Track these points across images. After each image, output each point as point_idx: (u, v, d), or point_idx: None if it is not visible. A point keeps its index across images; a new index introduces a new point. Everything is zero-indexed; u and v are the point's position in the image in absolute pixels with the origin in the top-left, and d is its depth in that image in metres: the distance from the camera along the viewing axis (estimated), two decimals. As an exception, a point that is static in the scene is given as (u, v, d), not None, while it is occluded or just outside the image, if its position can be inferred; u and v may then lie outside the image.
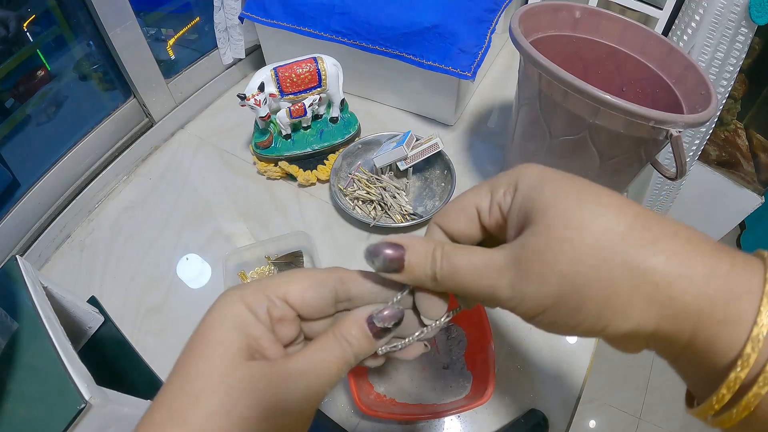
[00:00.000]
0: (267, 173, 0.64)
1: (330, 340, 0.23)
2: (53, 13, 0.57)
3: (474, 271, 0.22)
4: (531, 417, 0.43)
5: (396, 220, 0.59)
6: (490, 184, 0.24)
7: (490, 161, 0.68)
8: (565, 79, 0.41)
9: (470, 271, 0.22)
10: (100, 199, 0.63)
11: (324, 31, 0.66)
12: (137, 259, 0.57)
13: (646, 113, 0.39)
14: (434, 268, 0.22)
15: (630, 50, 0.53)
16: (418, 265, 0.23)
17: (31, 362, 0.34)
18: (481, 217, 0.24)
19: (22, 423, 0.32)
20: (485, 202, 0.24)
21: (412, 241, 0.23)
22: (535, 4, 0.52)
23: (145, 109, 0.67)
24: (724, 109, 1.15)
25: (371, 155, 0.65)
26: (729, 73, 0.79)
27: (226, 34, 0.74)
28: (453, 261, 0.22)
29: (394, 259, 0.22)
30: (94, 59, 0.62)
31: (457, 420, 0.45)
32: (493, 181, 0.24)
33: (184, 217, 0.61)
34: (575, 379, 0.47)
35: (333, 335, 0.23)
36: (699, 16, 0.75)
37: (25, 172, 0.56)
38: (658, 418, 1.28)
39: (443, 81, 0.65)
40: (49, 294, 0.41)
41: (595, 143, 0.46)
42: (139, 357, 0.48)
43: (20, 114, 0.56)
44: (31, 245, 0.55)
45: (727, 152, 1.25)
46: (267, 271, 0.54)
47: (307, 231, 0.55)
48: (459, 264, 0.22)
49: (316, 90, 0.61)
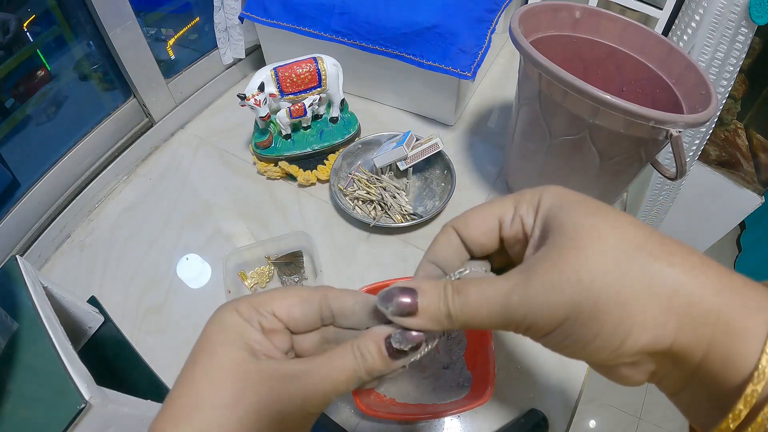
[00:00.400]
0: (267, 173, 0.64)
1: (347, 349, 0.23)
2: (53, 13, 0.57)
3: (486, 297, 0.22)
4: (531, 417, 0.43)
5: (396, 220, 0.59)
6: (514, 199, 0.24)
7: (490, 161, 0.68)
8: (565, 79, 0.41)
9: (482, 297, 0.22)
10: (100, 199, 0.63)
11: (324, 31, 0.66)
12: (137, 259, 0.57)
13: (646, 113, 0.39)
14: (447, 305, 0.22)
15: (630, 50, 0.53)
16: (431, 305, 0.23)
17: (31, 362, 0.34)
18: (502, 227, 0.24)
19: (22, 423, 0.32)
20: (509, 214, 0.24)
21: (423, 284, 0.23)
22: (535, 4, 0.52)
23: (145, 109, 0.67)
24: (724, 109, 1.15)
25: (371, 155, 0.65)
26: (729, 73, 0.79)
27: (226, 34, 0.74)
28: (464, 292, 0.22)
29: (407, 304, 0.22)
30: (94, 59, 0.62)
31: (457, 420, 0.45)
32: (517, 196, 0.24)
33: (184, 217, 0.61)
34: (575, 379, 0.47)
35: (350, 346, 0.23)
36: (699, 16, 0.75)
37: (25, 172, 0.56)
38: (658, 418, 1.28)
39: (443, 81, 0.65)
40: (49, 294, 0.41)
41: (595, 143, 0.46)
42: (139, 357, 0.48)
43: (20, 114, 0.56)
44: (31, 245, 0.55)
45: (727, 152, 1.25)
46: (267, 271, 0.54)
47: (307, 231, 0.55)
48: (470, 293, 0.22)
49: (316, 90, 0.61)
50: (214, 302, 0.52)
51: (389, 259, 0.57)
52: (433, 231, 0.59)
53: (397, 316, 0.23)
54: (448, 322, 0.23)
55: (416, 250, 0.58)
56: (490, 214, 0.25)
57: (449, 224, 0.25)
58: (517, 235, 0.24)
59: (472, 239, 0.25)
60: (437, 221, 0.60)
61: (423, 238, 0.59)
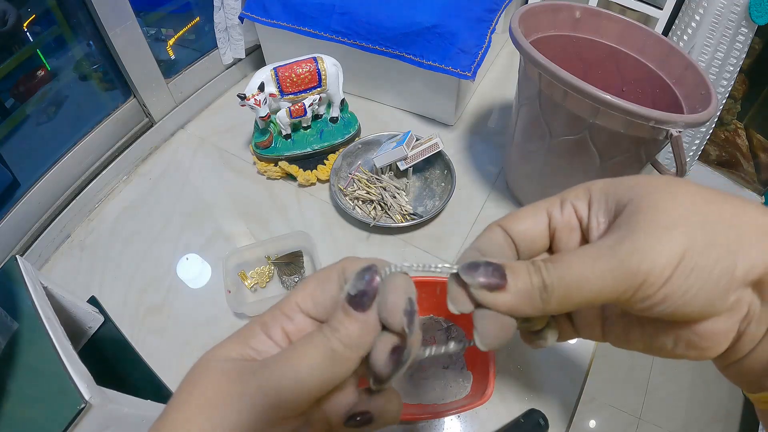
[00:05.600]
0: (267, 173, 0.64)
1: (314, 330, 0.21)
2: (53, 13, 0.57)
3: (589, 257, 0.20)
4: (531, 417, 0.43)
5: (396, 220, 0.59)
6: (559, 195, 0.24)
7: (490, 161, 0.68)
8: (565, 79, 0.41)
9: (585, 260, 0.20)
10: (100, 199, 0.63)
11: (324, 31, 0.66)
12: (137, 259, 0.57)
13: (646, 113, 0.39)
14: (541, 277, 0.20)
15: (630, 50, 0.53)
16: (522, 279, 0.20)
17: (31, 362, 0.34)
18: (551, 219, 0.23)
19: (22, 423, 0.32)
20: (556, 206, 0.23)
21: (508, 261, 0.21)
22: (535, 4, 0.52)
23: (145, 109, 0.67)
24: (724, 109, 1.15)
25: (371, 155, 0.65)
26: (729, 73, 0.79)
27: (226, 34, 0.74)
28: (561, 261, 0.20)
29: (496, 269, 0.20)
30: (94, 59, 0.62)
31: (457, 420, 0.45)
32: (562, 193, 0.24)
33: (184, 217, 0.61)
34: (575, 379, 0.47)
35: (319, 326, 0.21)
36: (699, 16, 0.75)
37: (25, 172, 0.56)
38: (658, 418, 1.28)
39: (443, 81, 0.65)
40: (49, 294, 0.41)
41: (595, 143, 0.46)
42: (139, 357, 0.48)
43: (20, 114, 0.56)
44: (31, 245, 0.55)
45: (727, 152, 1.25)
46: (267, 271, 0.54)
47: (307, 231, 0.55)
48: (569, 260, 0.20)
49: (316, 90, 0.61)
50: (214, 302, 0.53)
51: (389, 259, 0.56)
52: (434, 231, 0.59)
53: (485, 290, 0.20)
54: (542, 297, 0.20)
55: (416, 250, 0.58)
56: (537, 207, 0.24)
57: (495, 222, 0.24)
58: (569, 222, 0.23)
59: (521, 234, 0.23)
60: (437, 221, 0.60)
61: (423, 238, 0.59)
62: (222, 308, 0.52)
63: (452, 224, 0.60)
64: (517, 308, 0.20)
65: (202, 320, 0.52)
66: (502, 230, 0.24)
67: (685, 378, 1.34)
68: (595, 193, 0.23)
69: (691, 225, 0.19)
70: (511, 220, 0.24)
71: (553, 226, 0.23)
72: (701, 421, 1.27)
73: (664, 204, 0.20)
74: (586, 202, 0.23)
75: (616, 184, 0.22)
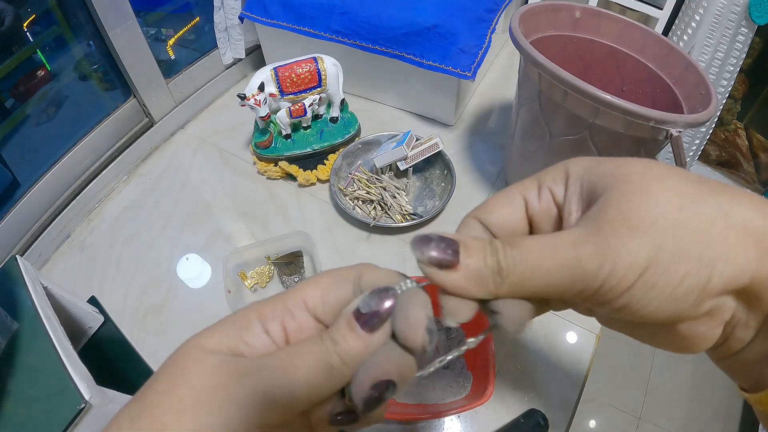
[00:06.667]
0: (267, 173, 0.64)
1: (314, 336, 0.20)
2: (53, 13, 0.57)
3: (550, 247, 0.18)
4: (531, 417, 0.43)
5: (396, 220, 0.59)
6: (536, 177, 0.23)
7: (490, 161, 0.68)
8: (565, 79, 0.41)
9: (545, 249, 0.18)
10: (100, 199, 0.63)
11: (324, 31, 0.66)
12: (137, 259, 0.57)
13: (646, 113, 0.39)
14: (497, 259, 0.19)
15: (630, 50, 0.53)
16: (476, 258, 0.19)
17: (31, 362, 0.34)
18: (528, 205, 0.22)
19: (22, 423, 0.32)
20: (532, 191, 0.22)
21: (463, 238, 0.20)
22: (535, 4, 0.52)
23: (145, 109, 0.67)
24: (724, 109, 1.15)
25: (371, 155, 0.65)
26: (729, 73, 0.79)
27: (226, 34, 0.74)
28: (520, 245, 0.19)
29: (449, 245, 0.19)
30: (94, 59, 0.62)
31: (457, 420, 0.45)
32: (539, 174, 0.23)
33: (184, 217, 0.61)
34: (575, 379, 0.47)
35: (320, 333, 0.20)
36: (699, 16, 0.75)
37: (25, 172, 0.56)
38: (658, 418, 1.28)
39: (443, 81, 0.65)
40: (49, 294, 0.41)
41: (595, 143, 0.46)
42: (139, 357, 0.48)
43: (20, 114, 0.56)
44: (31, 245, 0.55)
45: (727, 152, 1.25)
46: (267, 271, 0.54)
47: (307, 231, 0.55)
48: (528, 245, 0.19)
49: (316, 90, 0.61)
50: (214, 302, 0.53)
51: (389, 258, 0.57)
52: (434, 231, 0.59)
53: (434, 266, 0.19)
54: (495, 281, 0.19)
55: (416, 250, 0.58)
56: (512, 194, 0.22)
57: (468, 215, 0.23)
58: (548, 209, 0.22)
59: (498, 224, 0.22)
60: (437, 221, 0.60)
61: (423, 238, 0.59)
62: (222, 308, 0.52)
63: (452, 224, 0.60)
64: (466, 290, 0.19)
65: (202, 320, 0.51)
66: (478, 222, 0.22)
67: (686, 378, 1.34)
68: (572, 177, 0.21)
69: (661, 231, 0.18)
70: (485, 211, 0.22)
71: (531, 213, 0.22)
72: (701, 421, 1.27)
73: (637, 202, 0.18)
74: (563, 186, 0.22)
75: (592, 169, 0.21)
